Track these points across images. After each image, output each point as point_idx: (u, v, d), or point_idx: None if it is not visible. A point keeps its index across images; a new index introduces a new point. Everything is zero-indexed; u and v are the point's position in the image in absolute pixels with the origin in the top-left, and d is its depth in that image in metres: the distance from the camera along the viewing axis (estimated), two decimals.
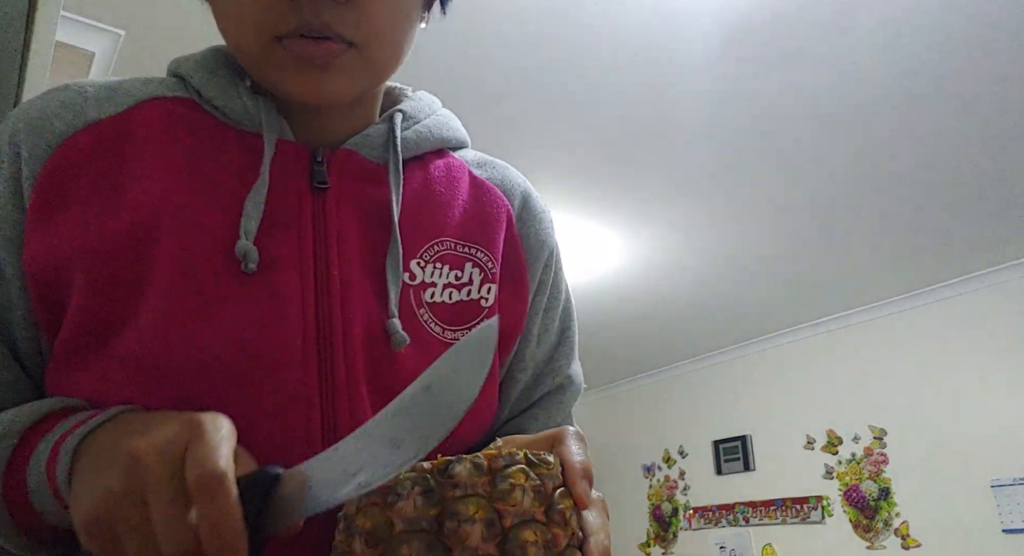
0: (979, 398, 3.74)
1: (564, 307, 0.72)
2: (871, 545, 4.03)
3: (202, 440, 0.39)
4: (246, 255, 0.51)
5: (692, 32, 2.09)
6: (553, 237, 0.71)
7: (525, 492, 0.38)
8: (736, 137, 2.61)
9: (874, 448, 4.15)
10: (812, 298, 4.15)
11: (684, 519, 5.09)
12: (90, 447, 0.43)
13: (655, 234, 3.34)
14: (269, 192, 0.54)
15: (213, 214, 0.52)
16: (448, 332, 0.58)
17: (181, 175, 0.53)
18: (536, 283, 0.67)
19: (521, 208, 0.69)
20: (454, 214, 0.62)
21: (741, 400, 4.91)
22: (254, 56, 0.53)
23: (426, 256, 0.59)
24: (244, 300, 0.50)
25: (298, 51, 0.51)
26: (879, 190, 2.96)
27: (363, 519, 0.38)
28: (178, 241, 0.51)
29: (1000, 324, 3.74)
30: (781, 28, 2.08)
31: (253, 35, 0.52)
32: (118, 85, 0.58)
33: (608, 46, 2.14)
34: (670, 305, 4.19)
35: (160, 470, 0.38)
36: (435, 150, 0.66)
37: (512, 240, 0.66)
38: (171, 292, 0.49)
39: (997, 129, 2.56)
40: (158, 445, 0.39)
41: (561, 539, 0.39)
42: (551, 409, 0.70)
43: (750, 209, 3.12)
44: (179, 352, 0.48)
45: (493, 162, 0.71)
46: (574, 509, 0.41)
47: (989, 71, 2.27)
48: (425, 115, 0.66)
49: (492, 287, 0.61)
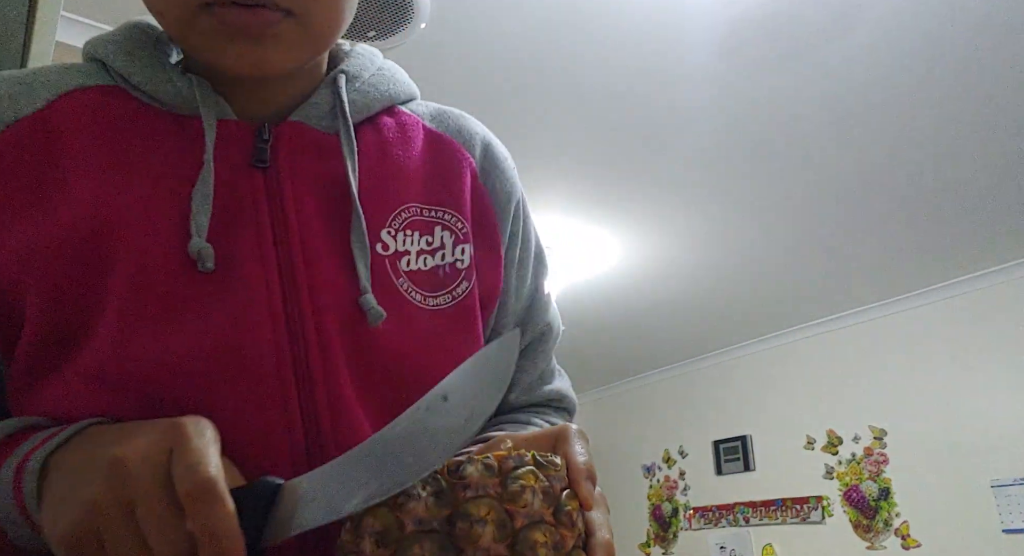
0: (979, 398, 3.74)
1: (536, 255, 0.70)
2: (871, 545, 4.03)
3: (187, 447, 0.38)
4: (200, 254, 0.48)
5: (692, 32, 2.09)
6: (518, 185, 0.68)
7: (535, 493, 0.38)
8: (734, 139, 2.61)
9: (874, 448, 4.15)
10: (812, 298, 4.15)
11: (684, 519, 5.09)
12: (60, 462, 0.41)
13: (655, 234, 3.34)
14: (216, 180, 0.50)
15: (160, 212, 0.49)
16: (430, 299, 0.56)
17: (118, 174, 0.50)
18: (507, 235, 0.65)
19: (483, 159, 0.65)
20: (415, 177, 0.59)
21: (741, 400, 4.91)
22: (180, 24, 0.48)
23: (395, 224, 0.56)
24: (206, 300, 0.48)
25: (229, 20, 0.46)
26: (879, 190, 2.96)
27: (373, 519, 0.37)
28: (129, 245, 0.48)
29: (1001, 324, 3.74)
30: (782, 29, 2.08)
31: (180, 2, 0.47)
32: (32, 78, 0.53)
33: (607, 47, 2.14)
34: (670, 305, 4.19)
35: (148, 478, 0.37)
36: (385, 108, 0.62)
37: (479, 194, 0.63)
38: (129, 298, 0.47)
39: (997, 129, 2.56)
40: (141, 451, 0.38)
41: (568, 540, 0.39)
42: (536, 358, 0.69)
43: (750, 209, 3.12)
44: (143, 359, 0.46)
45: (447, 112, 0.67)
46: (580, 509, 0.41)
47: (990, 71, 2.27)
48: (368, 72, 0.61)
49: (466, 247, 0.59)
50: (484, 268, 0.61)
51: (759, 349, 4.85)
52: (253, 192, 0.52)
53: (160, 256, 0.48)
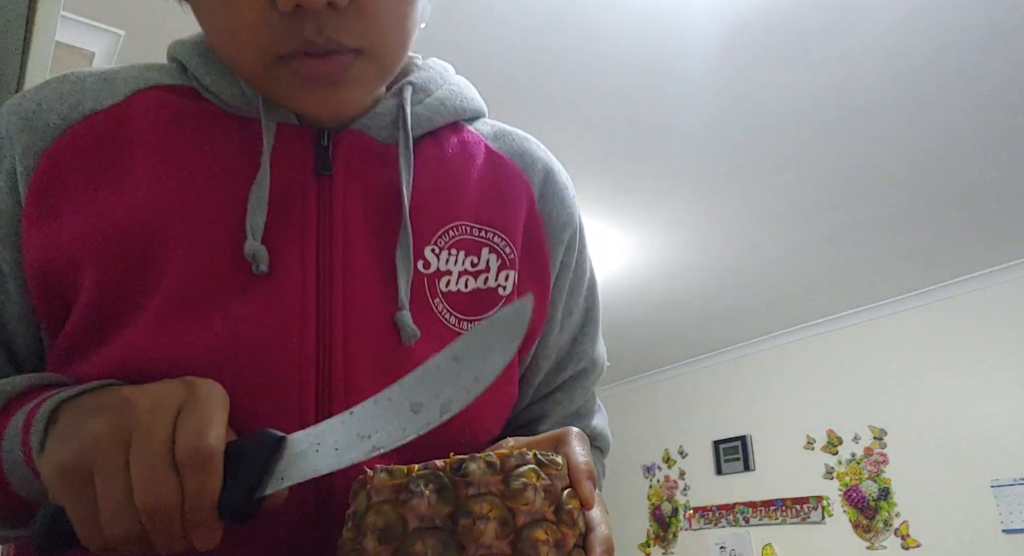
0: (979, 398, 3.74)
1: (588, 286, 0.68)
2: (871, 545, 4.03)
3: (197, 407, 0.39)
4: (255, 256, 0.49)
5: (695, 31, 2.09)
6: (576, 214, 0.66)
7: (537, 491, 0.38)
8: (737, 137, 2.61)
9: (874, 448, 4.15)
10: (812, 298, 4.15)
11: (684, 519, 5.09)
12: (70, 407, 0.43)
13: (656, 235, 3.34)
14: (272, 183, 0.51)
15: (215, 210, 0.50)
16: (464, 323, 0.55)
17: (179, 169, 0.51)
18: (558, 266, 0.64)
19: (543, 185, 0.64)
20: (470, 195, 0.58)
21: (741, 400, 4.92)
22: (256, 76, 0.50)
23: (441, 242, 0.56)
24: (246, 299, 0.49)
25: (306, 72, 0.47)
26: (881, 190, 2.96)
27: (375, 517, 0.38)
28: (180, 239, 0.49)
29: (1000, 324, 3.74)
30: (783, 28, 2.08)
31: (253, 56, 0.48)
32: (115, 74, 0.55)
33: (609, 45, 2.14)
34: (670, 305, 4.19)
35: (152, 422, 0.38)
36: (449, 123, 0.61)
37: (533, 221, 0.62)
38: (171, 292, 0.48)
39: (998, 129, 2.56)
40: (152, 397, 0.39)
41: (570, 538, 0.39)
42: (574, 392, 0.68)
43: (751, 210, 3.12)
44: (171, 351, 0.47)
45: (512, 133, 0.67)
46: (580, 509, 0.41)
47: (990, 71, 2.27)
48: (437, 86, 0.62)
49: (510, 274, 0.58)
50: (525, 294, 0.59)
51: (759, 349, 4.86)
52: (304, 197, 0.52)
53: (209, 253, 0.49)
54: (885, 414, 4.13)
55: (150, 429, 0.38)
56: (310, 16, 0.45)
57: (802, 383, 4.58)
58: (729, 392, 5.01)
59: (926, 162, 2.77)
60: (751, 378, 4.88)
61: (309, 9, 0.44)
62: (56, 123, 0.52)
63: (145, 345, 0.47)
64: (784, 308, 4.30)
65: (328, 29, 0.46)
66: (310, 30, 0.45)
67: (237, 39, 0.48)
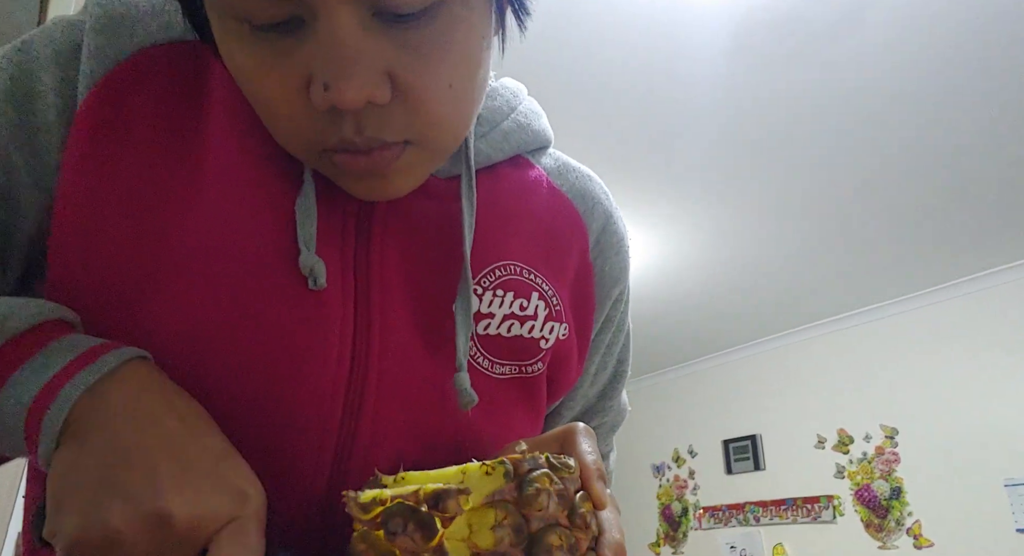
0: (992, 397, 3.71)
1: (624, 343, 0.65)
2: (883, 545, 4.01)
3: (240, 537, 0.35)
4: (313, 270, 0.44)
5: (701, 31, 2.08)
6: (628, 270, 0.62)
7: (550, 497, 0.38)
8: (742, 137, 2.60)
9: (886, 447, 4.13)
10: (822, 297, 4.13)
11: (694, 519, 5.08)
12: (92, 413, 0.36)
13: (665, 233, 3.33)
14: (317, 200, 0.47)
15: (264, 220, 0.46)
16: (496, 366, 0.51)
17: (243, 155, 0.46)
18: (602, 321, 0.60)
19: (600, 233, 0.59)
20: (523, 233, 0.54)
21: (751, 399, 4.90)
22: (306, 161, 0.45)
23: (485, 282, 0.51)
24: (285, 315, 0.44)
25: (350, 168, 0.43)
26: (893, 188, 2.94)
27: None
28: (230, 235, 0.44)
29: (1013, 322, 3.71)
30: (790, 28, 2.07)
31: (295, 146, 0.43)
32: None
33: (615, 46, 2.13)
34: (680, 304, 4.18)
35: (189, 533, 0.34)
36: (510, 157, 0.56)
37: (584, 272, 0.58)
38: (211, 290, 0.43)
39: (1008, 125, 2.54)
40: (195, 517, 0.34)
41: (583, 542, 0.39)
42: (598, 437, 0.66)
43: (760, 209, 3.11)
44: (200, 347, 0.42)
45: (576, 169, 0.61)
46: (593, 511, 0.40)
47: (998, 71, 2.25)
48: (503, 116, 0.56)
49: (555, 327, 0.53)
50: (567, 351, 0.55)
51: (769, 347, 4.84)
52: (344, 215, 0.48)
53: (254, 255, 0.44)
54: (896, 413, 4.10)
55: (181, 549, 0.34)
56: (349, 114, 0.40)
57: (812, 382, 4.56)
58: (739, 391, 4.99)
59: (940, 157, 2.75)
60: (761, 377, 4.86)
61: (345, 108, 0.39)
62: (141, 36, 0.46)
63: (170, 330, 0.42)
64: (795, 306, 4.28)
65: (369, 129, 0.40)
66: (349, 130, 0.40)
67: (276, 128, 0.43)
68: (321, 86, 0.38)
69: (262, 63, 0.39)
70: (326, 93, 0.38)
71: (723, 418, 5.04)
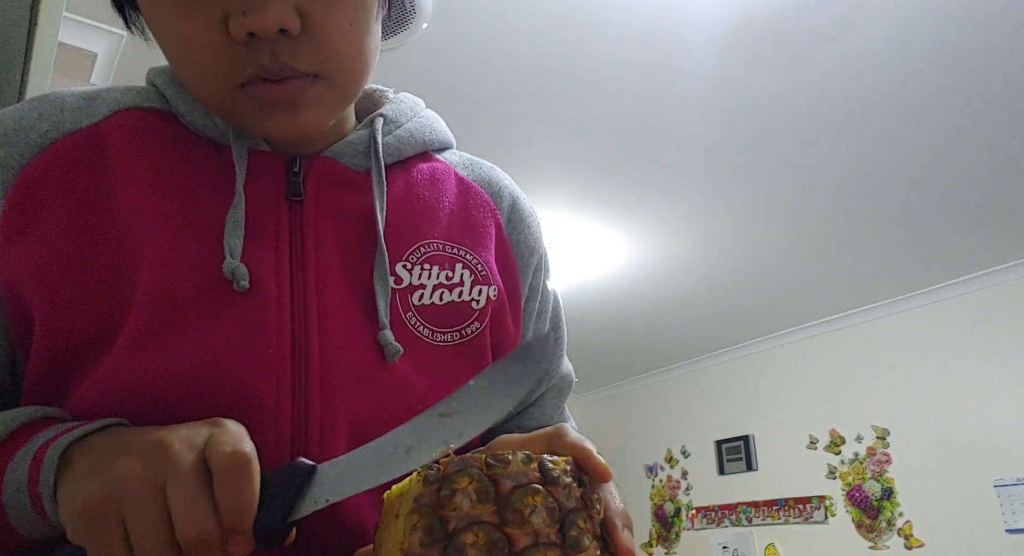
0: (982, 398, 3.73)
1: (553, 309, 0.71)
2: (874, 545, 4.02)
3: (227, 429, 0.41)
4: (235, 273, 0.50)
5: (695, 32, 2.09)
6: (542, 241, 0.70)
7: (467, 496, 0.38)
8: (738, 138, 2.60)
9: (877, 448, 4.14)
10: (814, 298, 4.14)
11: (687, 519, 5.09)
12: (87, 446, 0.42)
13: (657, 234, 3.33)
14: (247, 207, 0.53)
15: (191, 231, 0.51)
16: (438, 335, 0.57)
17: (157, 192, 0.52)
18: (527, 287, 0.67)
19: (510, 211, 0.67)
20: (440, 217, 0.61)
21: (743, 400, 4.91)
22: (218, 104, 0.51)
23: (412, 258, 0.58)
24: (222, 317, 0.49)
25: (264, 96, 0.49)
26: (882, 189, 2.95)
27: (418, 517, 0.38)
28: (156, 261, 0.49)
29: (1003, 323, 3.73)
30: (783, 29, 2.08)
31: (212, 84, 0.49)
32: (96, 94, 0.56)
33: (610, 46, 2.14)
34: (672, 305, 4.19)
35: (187, 457, 0.39)
36: (419, 154, 0.64)
37: (502, 244, 0.65)
38: (151, 311, 0.48)
39: (1000, 128, 2.55)
40: (184, 434, 0.40)
41: (596, 524, 0.40)
42: (546, 406, 0.71)
43: (752, 210, 3.12)
44: (151, 368, 0.47)
45: (479, 163, 0.70)
46: (599, 496, 0.42)
47: (991, 73, 2.26)
48: (407, 118, 0.64)
49: (484, 289, 0.60)
50: (502, 316, 0.62)
51: (761, 349, 4.85)
52: (277, 220, 0.54)
53: (184, 276, 0.50)
54: (888, 414, 4.12)
55: (185, 466, 0.38)
56: (264, 43, 0.47)
57: (805, 383, 4.57)
58: (732, 392, 5.00)
59: (929, 161, 2.76)
60: (753, 378, 4.88)
61: (262, 36, 0.46)
62: (35, 141, 0.52)
63: (123, 369, 0.47)
64: (786, 308, 4.29)
65: (283, 55, 0.48)
66: (265, 56, 0.47)
67: (196, 69, 0.49)
68: (240, 14, 0.45)
69: (182, 3, 0.47)
70: (245, 19, 0.45)
71: (716, 419, 5.05)
